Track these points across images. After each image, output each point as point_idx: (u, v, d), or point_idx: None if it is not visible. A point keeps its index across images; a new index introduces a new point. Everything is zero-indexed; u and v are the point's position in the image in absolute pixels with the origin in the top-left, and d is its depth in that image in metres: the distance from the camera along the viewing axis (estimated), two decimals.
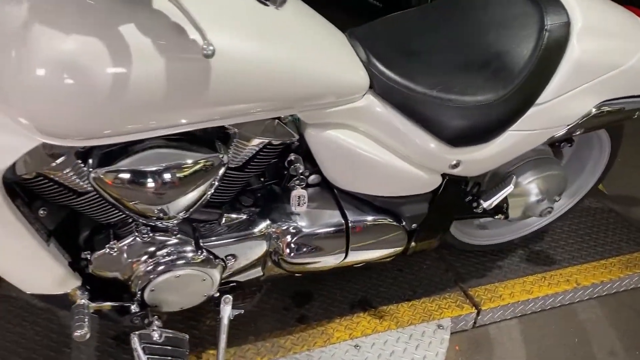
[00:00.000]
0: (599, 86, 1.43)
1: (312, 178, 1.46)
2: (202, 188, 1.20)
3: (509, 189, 1.54)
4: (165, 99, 1.01)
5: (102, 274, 1.34)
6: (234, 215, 1.42)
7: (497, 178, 1.63)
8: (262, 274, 1.52)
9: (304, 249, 1.46)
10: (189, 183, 1.17)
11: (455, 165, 1.42)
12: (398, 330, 1.73)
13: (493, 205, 1.56)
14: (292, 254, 1.45)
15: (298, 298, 1.82)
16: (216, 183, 1.23)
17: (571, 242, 2.15)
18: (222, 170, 1.21)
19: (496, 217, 1.73)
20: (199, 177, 1.18)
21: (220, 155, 1.20)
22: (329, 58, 1.26)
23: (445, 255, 2.03)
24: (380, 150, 1.39)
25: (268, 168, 1.46)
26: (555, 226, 2.19)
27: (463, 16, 1.46)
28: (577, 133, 1.51)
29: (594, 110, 1.47)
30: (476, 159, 1.42)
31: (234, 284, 1.53)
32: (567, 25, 1.37)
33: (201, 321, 1.71)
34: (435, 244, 1.66)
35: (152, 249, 1.32)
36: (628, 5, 1.70)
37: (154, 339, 1.33)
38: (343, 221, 1.46)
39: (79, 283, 1.33)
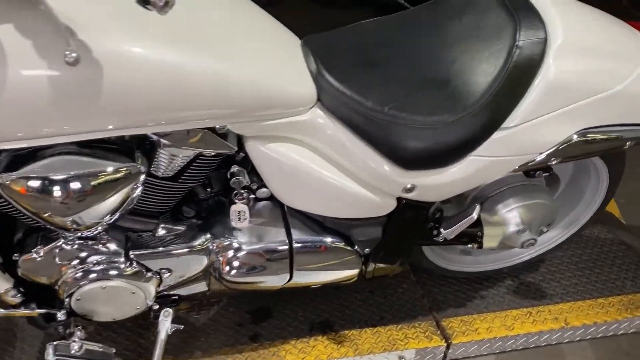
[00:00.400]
0: (580, 111, 1.27)
1: (262, 191, 1.37)
2: (116, 198, 1.13)
3: (470, 219, 1.40)
4: (55, 106, 0.94)
5: (31, 278, 1.29)
6: (171, 227, 1.35)
7: (464, 205, 1.49)
8: (207, 289, 1.44)
9: (244, 268, 1.37)
10: (100, 193, 1.10)
11: (410, 190, 1.30)
12: (355, 358, 1.62)
13: (454, 234, 1.42)
14: (231, 272, 1.37)
15: (256, 314, 1.73)
16: (136, 193, 1.16)
17: (568, 275, 1.97)
18: (139, 180, 1.14)
19: (468, 246, 1.59)
20: (111, 187, 1.11)
21: (137, 165, 1.13)
22: (267, 67, 1.17)
23: (424, 279, 1.90)
24: (328, 168, 1.28)
25: (216, 178, 1.38)
26: (553, 256, 2.02)
27: (434, 26, 1.33)
28: (555, 162, 1.35)
29: (575, 137, 1.31)
30: (433, 184, 1.29)
31: (176, 297, 1.45)
32: (543, 42, 1.22)
33: (150, 330, 1.65)
34: (397, 270, 1.53)
35: (78, 256, 1.27)
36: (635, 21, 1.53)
37: (72, 351, 1.27)
38: (287, 240, 1.36)
39: (9, 285, 1.29)
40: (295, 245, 1.37)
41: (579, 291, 1.91)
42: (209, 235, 1.36)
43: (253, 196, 1.38)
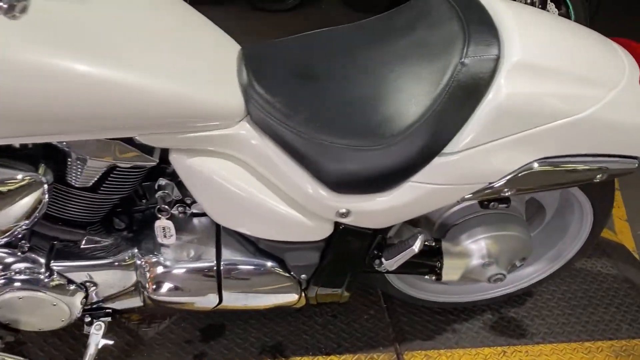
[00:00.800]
0: (538, 139, 1.13)
1: (197, 206, 1.30)
2: (18, 207, 1.08)
3: (410, 251, 1.27)
4: None
5: None
6: (97, 239, 1.29)
7: (407, 234, 1.36)
8: (142, 304, 1.38)
9: (170, 287, 1.30)
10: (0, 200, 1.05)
11: (345, 214, 1.19)
12: None
13: (395, 266, 1.30)
14: (157, 290, 1.30)
15: (207, 331, 1.65)
16: (43, 202, 1.10)
17: (557, 312, 1.80)
18: (42, 190, 1.08)
19: (426, 277, 1.46)
20: (12, 196, 1.06)
21: (40, 175, 1.07)
22: (184, 75, 1.08)
23: (395, 306, 1.77)
24: (257, 186, 1.19)
25: (149, 189, 1.32)
26: (543, 290, 1.85)
27: (381, 41, 1.22)
28: (509, 193, 1.20)
29: (531, 167, 1.16)
30: (369, 210, 1.18)
31: (109, 310, 1.40)
32: (495, 59, 1.09)
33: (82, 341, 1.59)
34: (345, 297, 1.42)
35: None
36: (624, 39, 1.36)
37: None
38: (215, 261, 1.28)
39: None
40: (223, 266, 1.28)
41: (565, 332, 1.74)
42: (136, 250, 1.30)
43: (190, 211, 1.31)
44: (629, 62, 1.21)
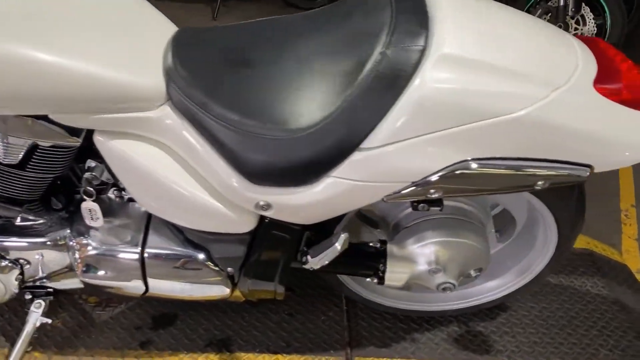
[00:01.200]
0: (465, 137, 1.04)
1: None
2: None
3: (333, 250, 1.21)
4: None
5: None
6: (32, 217, 1.30)
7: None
8: (82, 285, 1.38)
9: (97, 270, 1.29)
10: None
11: (265, 207, 1.14)
12: None
13: (319, 264, 1.24)
14: (86, 273, 1.30)
15: (159, 319, 1.64)
16: None
17: (530, 330, 1.68)
18: None
19: (368, 279, 1.39)
20: None
21: None
22: (104, 57, 1.07)
23: (357, 310, 1.71)
24: (180, 173, 1.17)
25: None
26: (520, 305, 1.74)
27: (315, 31, 1.16)
28: (437, 195, 1.12)
29: (461, 167, 1.08)
30: (289, 204, 1.13)
31: (51, 289, 1.41)
32: (420, 51, 1.01)
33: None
34: (280, 295, 1.37)
35: None
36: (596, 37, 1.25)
37: None
38: (139, 247, 1.26)
39: None
40: (147, 253, 1.26)
41: (534, 351, 1.62)
42: (69, 231, 1.30)
43: (128, 195, 1.30)
44: (584, 63, 1.10)
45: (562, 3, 3.24)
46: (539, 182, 1.11)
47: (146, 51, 1.14)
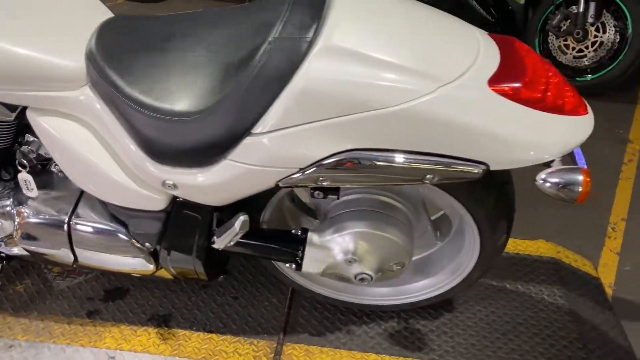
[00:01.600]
0: (346, 128, 1.07)
1: None
2: None
3: (232, 231, 1.25)
4: None
5: None
6: None
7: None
8: (27, 253, 1.50)
9: (31, 238, 1.40)
10: None
11: (172, 187, 1.21)
12: (167, 358, 1.56)
13: (223, 244, 1.29)
14: (22, 240, 1.41)
15: (112, 293, 1.74)
16: None
17: (471, 333, 1.67)
18: None
19: (286, 265, 1.43)
20: None
21: None
22: (27, 37, 1.17)
23: (301, 299, 1.75)
24: (99, 150, 1.26)
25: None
26: (468, 308, 1.73)
27: (235, 19, 1.22)
28: (326, 183, 1.15)
29: (343, 156, 1.10)
30: (192, 184, 1.19)
31: (3, 255, 1.53)
32: (307, 42, 1.06)
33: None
34: (202, 275, 1.43)
35: None
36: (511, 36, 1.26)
37: None
38: (67, 217, 1.36)
39: None
40: (73, 225, 1.36)
41: (469, 353, 1.61)
42: (11, 200, 1.41)
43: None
44: (483, 60, 1.10)
45: (581, 9, 3.14)
46: (428, 176, 1.12)
47: (76, 36, 1.23)
